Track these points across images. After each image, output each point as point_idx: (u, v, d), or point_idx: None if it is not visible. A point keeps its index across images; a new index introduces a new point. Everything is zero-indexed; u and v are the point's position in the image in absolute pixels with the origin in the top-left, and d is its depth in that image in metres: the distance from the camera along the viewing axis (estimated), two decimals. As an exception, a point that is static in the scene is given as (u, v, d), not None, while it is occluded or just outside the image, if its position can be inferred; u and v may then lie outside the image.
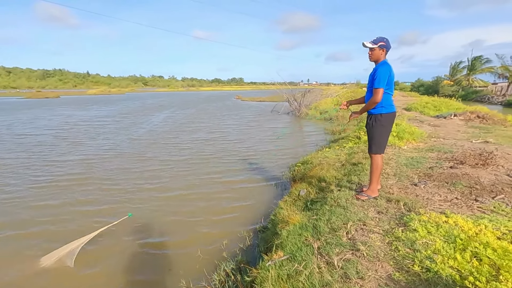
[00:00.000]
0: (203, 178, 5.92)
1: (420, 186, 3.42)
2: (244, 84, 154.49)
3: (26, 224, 4.09)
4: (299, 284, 1.98)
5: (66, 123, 14.15)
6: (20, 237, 3.77)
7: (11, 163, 6.97)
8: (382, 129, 2.98)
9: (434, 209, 2.79)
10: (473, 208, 2.79)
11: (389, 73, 2.87)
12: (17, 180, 5.78)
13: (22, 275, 3.02)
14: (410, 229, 2.39)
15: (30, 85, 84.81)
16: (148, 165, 6.82)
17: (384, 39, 2.91)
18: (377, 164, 3.06)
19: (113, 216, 3.96)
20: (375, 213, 2.82)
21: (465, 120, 9.08)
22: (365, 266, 2.03)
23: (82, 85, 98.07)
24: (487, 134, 6.60)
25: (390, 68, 2.89)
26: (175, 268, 3.13)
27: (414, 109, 12.62)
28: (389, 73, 2.87)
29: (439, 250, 2.04)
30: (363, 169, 4.26)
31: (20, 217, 4.28)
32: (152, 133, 11.38)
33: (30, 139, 10.05)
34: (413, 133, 6.26)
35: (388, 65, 2.89)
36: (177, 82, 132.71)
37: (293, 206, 3.77)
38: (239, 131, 11.92)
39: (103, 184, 5.57)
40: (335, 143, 7.67)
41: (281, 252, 2.47)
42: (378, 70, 2.86)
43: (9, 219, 4.24)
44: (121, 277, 3.00)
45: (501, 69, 27.91)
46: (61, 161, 7.14)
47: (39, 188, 5.34)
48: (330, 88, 37.42)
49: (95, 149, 8.44)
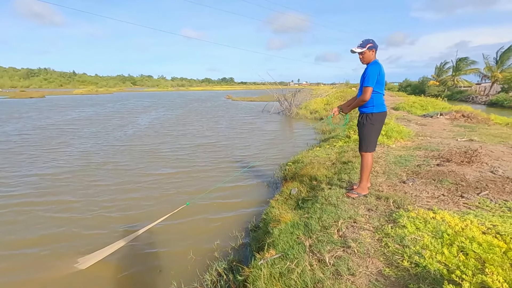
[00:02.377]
0: (192, 176, 5.88)
1: (408, 183, 3.50)
2: (234, 84, 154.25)
3: (73, 219, 4.12)
4: (291, 282, 1.99)
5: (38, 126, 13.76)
6: (63, 234, 3.78)
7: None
8: (372, 128, 3.03)
9: (422, 205, 2.86)
10: (459, 204, 2.86)
11: (379, 72, 2.91)
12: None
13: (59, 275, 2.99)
14: (399, 225, 2.44)
15: (13, 85, 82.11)
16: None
17: (370, 40, 2.96)
18: (367, 162, 3.11)
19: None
20: (365, 211, 2.86)
21: (450, 119, 9.33)
22: (356, 263, 2.05)
23: (68, 85, 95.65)
24: (472, 133, 6.80)
25: (379, 67, 2.93)
26: (165, 269, 3.09)
27: (402, 109, 12.88)
28: (378, 72, 2.91)
29: (427, 246, 2.09)
30: (353, 168, 4.31)
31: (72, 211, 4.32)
32: (133, 137, 11.19)
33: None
34: (401, 132, 6.39)
35: (378, 65, 2.94)
36: (167, 82, 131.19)
37: (284, 205, 3.78)
38: (230, 130, 11.89)
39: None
40: (325, 142, 7.75)
41: (273, 251, 2.48)
42: (368, 69, 2.92)
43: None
44: (109, 278, 2.94)
45: (486, 70, 28.76)
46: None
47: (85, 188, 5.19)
48: (320, 88, 37.74)
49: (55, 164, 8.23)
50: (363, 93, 2.93)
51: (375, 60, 2.99)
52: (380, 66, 2.94)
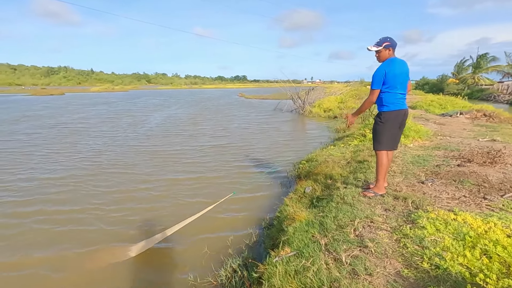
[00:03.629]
0: (208, 176, 5.94)
1: (427, 184, 3.40)
2: (247, 82, 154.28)
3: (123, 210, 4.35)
4: (307, 280, 1.98)
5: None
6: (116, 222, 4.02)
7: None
8: (383, 126, 2.97)
9: (442, 206, 2.78)
10: (481, 206, 2.76)
11: (388, 71, 2.81)
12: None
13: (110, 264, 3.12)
14: (418, 226, 2.38)
15: (34, 82, 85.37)
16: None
17: (387, 39, 2.88)
18: (381, 161, 3.04)
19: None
20: (382, 210, 2.81)
21: (471, 119, 9.01)
22: (373, 263, 2.02)
23: (86, 83, 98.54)
24: (494, 133, 6.54)
25: (389, 67, 2.82)
26: (181, 263, 3.14)
27: (419, 107, 12.54)
28: (384, 72, 2.83)
29: (448, 247, 2.03)
30: (369, 167, 4.24)
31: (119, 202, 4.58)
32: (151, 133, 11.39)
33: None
34: (419, 131, 6.22)
35: (387, 65, 2.84)
36: (180, 79, 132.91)
37: (298, 203, 3.76)
38: (242, 130, 11.91)
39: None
40: (339, 141, 7.64)
41: (288, 249, 2.47)
42: (375, 71, 2.88)
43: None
44: (125, 272, 3.02)
45: (508, 68, 27.55)
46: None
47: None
48: (333, 86, 37.19)
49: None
50: (369, 95, 2.97)
51: (389, 58, 2.89)
52: (391, 65, 2.83)
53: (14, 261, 3.21)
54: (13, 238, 3.67)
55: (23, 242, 3.57)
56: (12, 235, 3.72)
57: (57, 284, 2.89)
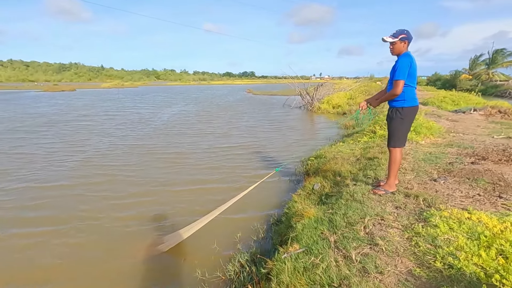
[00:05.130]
0: (217, 172, 5.96)
1: (439, 181, 3.33)
2: (255, 78, 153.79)
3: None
4: (316, 277, 1.96)
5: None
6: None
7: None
8: (402, 122, 2.92)
9: (455, 205, 2.71)
10: (497, 205, 2.69)
11: (410, 65, 2.79)
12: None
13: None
14: (430, 224, 2.33)
15: (46, 79, 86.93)
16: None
17: (404, 31, 2.83)
18: (395, 158, 2.99)
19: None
20: (393, 208, 2.76)
21: (485, 115, 8.77)
22: (384, 261, 1.99)
23: (96, 79, 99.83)
24: (510, 130, 6.35)
25: (411, 59, 2.80)
26: (190, 258, 3.16)
27: (431, 104, 12.27)
28: (409, 64, 2.78)
29: (462, 247, 1.98)
30: (379, 164, 4.17)
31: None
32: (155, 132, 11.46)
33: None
34: (431, 128, 6.09)
35: (410, 57, 2.81)
36: (189, 76, 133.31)
37: (307, 200, 3.74)
38: (249, 127, 11.89)
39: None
40: (349, 138, 7.55)
41: (296, 245, 2.46)
42: (399, 61, 2.81)
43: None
44: (135, 265, 3.06)
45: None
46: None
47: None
48: (342, 82, 36.75)
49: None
50: (394, 87, 2.81)
51: (407, 52, 2.86)
52: (412, 58, 2.82)
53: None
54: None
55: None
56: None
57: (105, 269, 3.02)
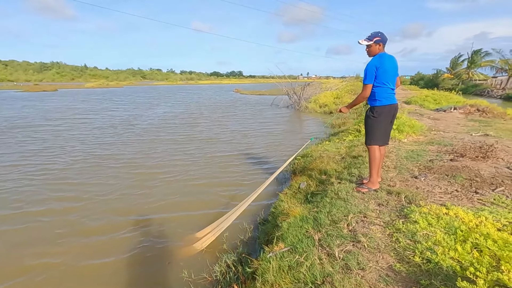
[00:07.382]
0: (201, 171, 5.93)
1: (420, 178, 3.43)
2: (243, 77, 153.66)
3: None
4: (300, 275, 1.99)
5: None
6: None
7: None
8: (376, 121, 3.01)
9: (434, 201, 2.80)
10: (473, 200, 2.79)
11: (379, 65, 2.85)
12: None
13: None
14: (410, 221, 2.40)
15: (27, 78, 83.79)
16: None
17: (378, 34, 2.90)
18: (373, 156, 3.07)
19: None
20: (375, 205, 2.83)
21: (465, 114, 9.08)
22: (366, 257, 2.04)
23: (80, 78, 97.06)
24: (487, 128, 6.60)
25: (381, 60, 2.86)
26: (174, 260, 3.13)
27: (414, 103, 12.60)
28: (377, 66, 2.85)
29: (440, 242, 2.05)
30: (363, 162, 4.26)
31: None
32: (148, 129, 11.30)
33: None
34: (413, 126, 6.25)
35: (379, 58, 2.87)
36: (176, 75, 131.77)
37: (293, 198, 3.77)
38: (235, 121, 11.88)
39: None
40: (334, 136, 7.66)
41: (282, 244, 2.48)
42: (366, 66, 2.90)
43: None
44: (115, 271, 3.00)
45: (501, 63, 27.82)
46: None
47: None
48: (329, 82, 37.19)
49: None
50: (362, 90, 3.00)
51: (378, 53, 2.92)
52: (383, 59, 2.87)
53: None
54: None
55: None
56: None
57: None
